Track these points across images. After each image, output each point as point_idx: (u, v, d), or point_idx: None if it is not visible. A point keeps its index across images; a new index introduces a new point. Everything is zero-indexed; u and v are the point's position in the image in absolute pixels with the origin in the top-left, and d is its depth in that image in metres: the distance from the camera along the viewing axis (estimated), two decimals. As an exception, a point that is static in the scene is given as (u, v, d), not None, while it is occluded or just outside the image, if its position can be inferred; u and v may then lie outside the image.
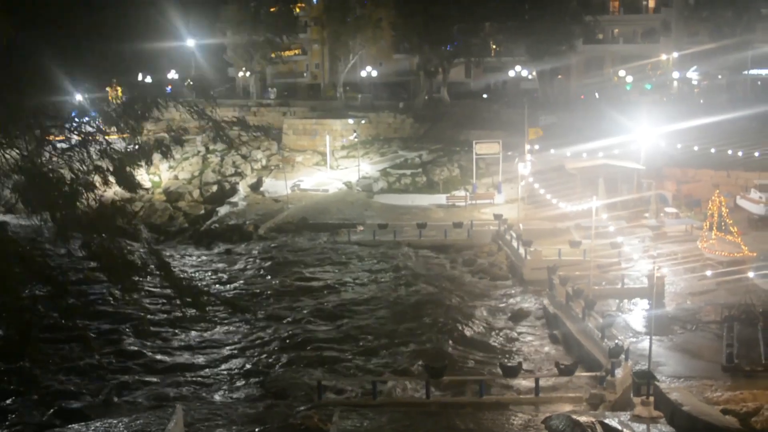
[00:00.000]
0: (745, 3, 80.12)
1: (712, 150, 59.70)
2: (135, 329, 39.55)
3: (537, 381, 29.45)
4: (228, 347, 37.25)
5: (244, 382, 33.13)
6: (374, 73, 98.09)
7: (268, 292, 45.90)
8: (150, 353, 36.57)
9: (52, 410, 30.29)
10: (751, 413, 26.14)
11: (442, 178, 70.32)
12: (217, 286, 47.61)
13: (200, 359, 35.89)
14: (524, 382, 30.62)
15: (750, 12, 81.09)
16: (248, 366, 34.82)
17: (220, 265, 52.63)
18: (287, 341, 37.51)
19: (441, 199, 65.22)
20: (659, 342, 33.52)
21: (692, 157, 60.35)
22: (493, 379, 31.17)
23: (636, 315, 38.68)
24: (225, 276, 50.13)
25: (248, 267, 51.92)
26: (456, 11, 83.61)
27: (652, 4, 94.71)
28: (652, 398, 25.92)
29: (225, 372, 34.34)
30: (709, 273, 41.33)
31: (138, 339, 38.32)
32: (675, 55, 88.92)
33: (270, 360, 35.18)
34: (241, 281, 48.86)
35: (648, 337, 30.38)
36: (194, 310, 22.25)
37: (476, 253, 52.08)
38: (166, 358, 36.02)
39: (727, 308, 35.49)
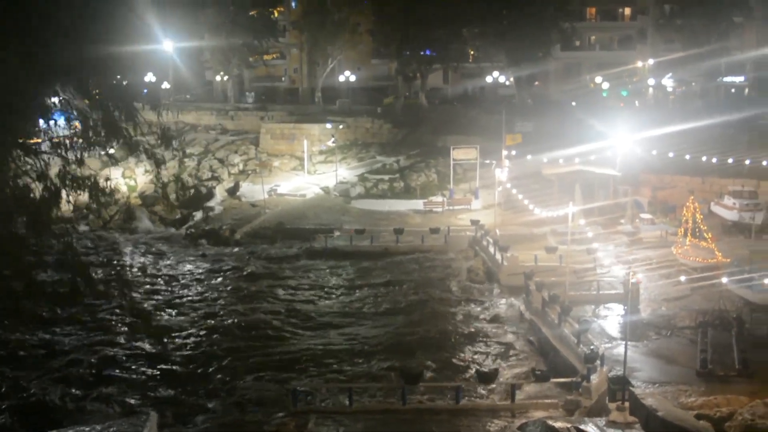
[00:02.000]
0: (718, 12, 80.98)
1: (687, 156, 60.16)
2: (107, 335, 39.14)
3: (513, 387, 29.46)
4: (201, 354, 36.89)
5: (218, 389, 32.81)
6: (352, 78, 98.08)
7: (237, 298, 45.74)
8: (123, 360, 36.18)
9: (23, 417, 29.88)
10: (724, 418, 26.39)
11: (419, 184, 70.39)
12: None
13: (173, 367, 35.52)
14: (500, 389, 30.63)
15: (724, 20, 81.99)
16: (222, 374, 34.45)
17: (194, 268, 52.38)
18: (260, 349, 37.14)
19: (418, 204, 65.26)
20: (634, 347, 33.72)
21: (667, 164, 60.79)
22: (470, 385, 31.18)
23: (611, 321, 38.86)
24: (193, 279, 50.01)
25: (222, 271, 51.68)
26: (434, 17, 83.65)
27: (628, 12, 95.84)
28: (627, 404, 26.02)
29: (199, 379, 33.99)
30: (683, 279, 41.61)
31: (111, 346, 37.88)
32: (651, 62, 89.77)
33: (244, 367, 34.80)
34: (212, 285, 48.73)
35: (623, 342, 30.52)
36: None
37: (453, 259, 52.15)
38: (140, 366, 35.61)
39: (701, 314, 35.76)
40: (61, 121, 27.55)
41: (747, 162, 57.85)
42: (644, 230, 52.56)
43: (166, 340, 38.59)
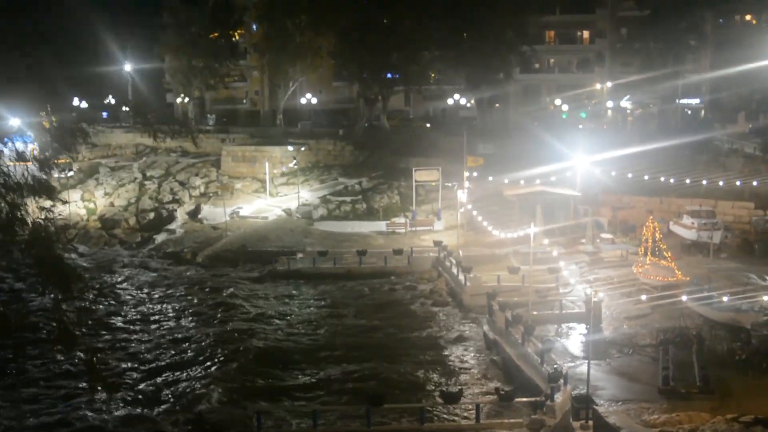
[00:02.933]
0: (674, 35, 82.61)
1: (646, 177, 61.01)
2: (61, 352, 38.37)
3: (478, 407, 29.43)
4: (160, 379, 36.25)
5: (179, 414, 32.19)
6: (314, 101, 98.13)
7: (198, 319, 45.22)
8: (76, 383, 35.43)
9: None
10: (687, 435, 26.58)
11: (382, 205, 70.43)
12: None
13: (131, 393, 34.78)
14: (465, 409, 30.55)
15: (679, 44, 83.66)
16: (183, 398, 33.86)
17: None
18: (222, 372, 36.65)
19: (381, 226, 65.22)
20: (597, 366, 33.91)
21: (626, 184, 61.58)
22: (434, 406, 31.06)
23: (574, 339, 39.09)
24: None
25: (180, 292, 51.22)
26: (394, 40, 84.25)
27: (586, 35, 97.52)
28: (591, 422, 26.13)
29: (157, 405, 33.36)
30: (644, 297, 41.97)
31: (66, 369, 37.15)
32: (609, 84, 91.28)
33: (205, 391, 34.24)
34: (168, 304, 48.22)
35: (586, 361, 30.70)
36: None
37: (416, 280, 52.15)
38: (97, 386, 34.90)
39: (662, 332, 36.08)
40: (19, 144, 27.12)
41: (704, 182, 58.84)
42: (605, 250, 53.06)
43: (128, 365, 37.98)
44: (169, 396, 34.29)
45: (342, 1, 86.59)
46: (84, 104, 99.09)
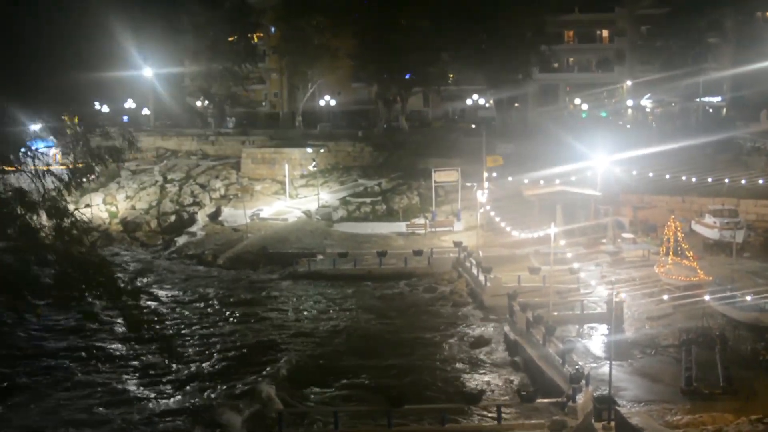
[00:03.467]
0: (694, 33, 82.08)
1: (667, 176, 60.66)
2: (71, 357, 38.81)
3: (499, 408, 29.37)
4: (179, 377, 36.38)
5: (193, 416, 32.26)
6: (333, 102, 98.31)
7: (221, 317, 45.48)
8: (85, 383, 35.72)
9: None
10: (710, 436, 26.39)
11: (401, 206, 70.45)
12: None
13: (145, 391, 34.92)
14: (486, 410, 30.50)
15: (700, 42, 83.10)
16: (199, 397, 33.97)
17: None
18: (245, 371, 36.80)
19: (401, 227, 65.24)
20: (619, 367, 33.73)
21: (648, 184, 61.28)
22: (455, 407, 31.02)
23: (596, 340, 38.91)
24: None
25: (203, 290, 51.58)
26: (413, 41, 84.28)
27: (606, 34, 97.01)
28: (613, 423, 26.00)
29: (176, 405, 33.50)
30: (666, 297, 41.74)
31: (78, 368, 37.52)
32: (629, 83, 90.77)
33: (229, 391, 34.45)
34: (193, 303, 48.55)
35: (608, 362, 30.56)
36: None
37: (436, 281, 52.09)
38: (109, 388, 35.17)
39: (685, 332, 35.79)
40: (42, 148, 27.42)
41: (726, 181, 58.40)
42: (626, 250, 52.78)
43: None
44: (188, 397, 34.45)
45: (360, 2, 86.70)
46: (105, 108, 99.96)
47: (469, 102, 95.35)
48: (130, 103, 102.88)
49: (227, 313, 47.16)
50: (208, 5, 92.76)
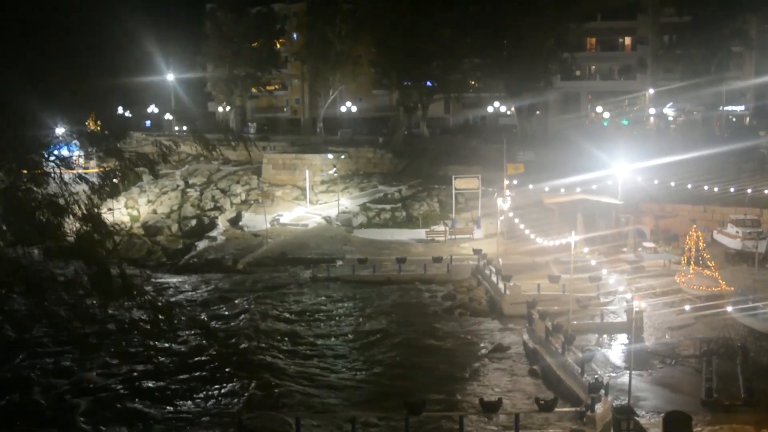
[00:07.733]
0: (717, 41, 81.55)
1: (689, 185, 60.31)
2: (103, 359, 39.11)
3: (517, 417, 29.23)
4: (198, 384, 36.51)
5: (217, 420, 32.45)
6: (354, 109, 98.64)
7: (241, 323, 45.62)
8: (117, 385, 35.93)
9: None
10: (731, 448, 26.18)
11: (421, 213, 70.47)
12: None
13: (169, 393, 35.12)
14: (504, 418, 30.40)
15: (722, 50, 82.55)
16: (221, 402, 34.10)
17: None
18: (261, 378, 36.82)
19: (420, 233, 65.27)
20: (639, 377, 33.53)
21: (669, 193, 60.93)
22: (474, 415, 30.95)
23: (615, 349, 38.69)
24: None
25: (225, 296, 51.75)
26: (435, 48, 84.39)
27: (628, 42, 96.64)
28: (632, 434, 25.84)
29: (196, 409, 33.64)
30: (687, 307, 41.44)
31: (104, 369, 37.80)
32: (651, 91, 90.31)
33: (244, 396, 34.53)
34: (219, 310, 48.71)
35: (627, 371, 30.40)
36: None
37: (456, 288, 52.00)
38: (137, 390, 35.34)
39: (706, 342, 35.62)
40: (65, 152, 27.74)
41: (749, 191, 57.92)
42: (647, 259, 52.50)
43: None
44: (208, 396, 34.58)
45: (382, 10, 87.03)
46: (128, 113, 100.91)
47: (490, 109, 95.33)
48: (152, 108, 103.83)
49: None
50: (234, 13, 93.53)
